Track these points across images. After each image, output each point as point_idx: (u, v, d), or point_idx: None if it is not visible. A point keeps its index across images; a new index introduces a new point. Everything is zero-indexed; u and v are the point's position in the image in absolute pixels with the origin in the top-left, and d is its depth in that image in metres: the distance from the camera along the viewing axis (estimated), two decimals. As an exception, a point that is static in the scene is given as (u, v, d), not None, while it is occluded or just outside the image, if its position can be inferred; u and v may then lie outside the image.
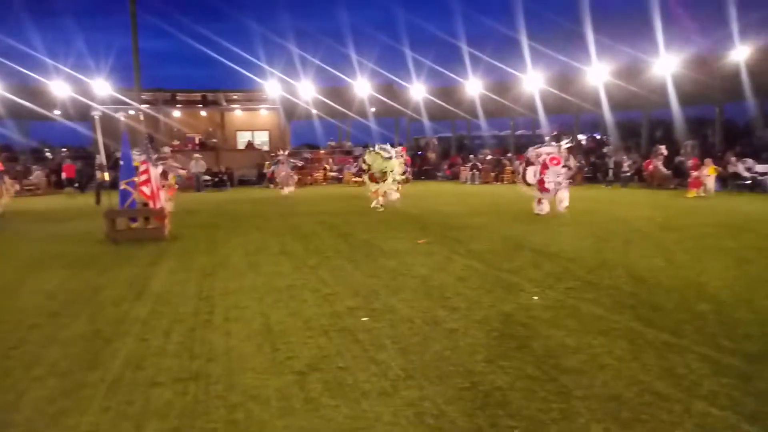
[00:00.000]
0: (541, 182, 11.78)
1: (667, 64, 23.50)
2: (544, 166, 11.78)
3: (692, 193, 16.63)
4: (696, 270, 6.20)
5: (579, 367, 3.52)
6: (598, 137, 35.26)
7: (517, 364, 3.59)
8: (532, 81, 28.18)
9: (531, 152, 12.42)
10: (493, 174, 27.60)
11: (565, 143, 12.26)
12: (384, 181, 13.91)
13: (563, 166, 11.80)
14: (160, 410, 3.07)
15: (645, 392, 3.14)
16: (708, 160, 17.50)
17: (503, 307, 4.85)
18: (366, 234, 9.48)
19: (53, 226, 12.09)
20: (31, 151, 31.92)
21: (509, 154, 31.17)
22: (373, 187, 14.10)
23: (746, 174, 18.32)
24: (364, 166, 14.48)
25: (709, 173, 16.93)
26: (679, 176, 20.07)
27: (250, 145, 33.42)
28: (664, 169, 21.04)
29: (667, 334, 4.09)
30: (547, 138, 12.72)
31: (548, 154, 12.02)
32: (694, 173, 17.30)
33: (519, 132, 38.82)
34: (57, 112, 29.82)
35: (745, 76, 22.03)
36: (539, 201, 11.90)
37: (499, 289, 5.51)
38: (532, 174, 12.01)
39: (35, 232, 11.13)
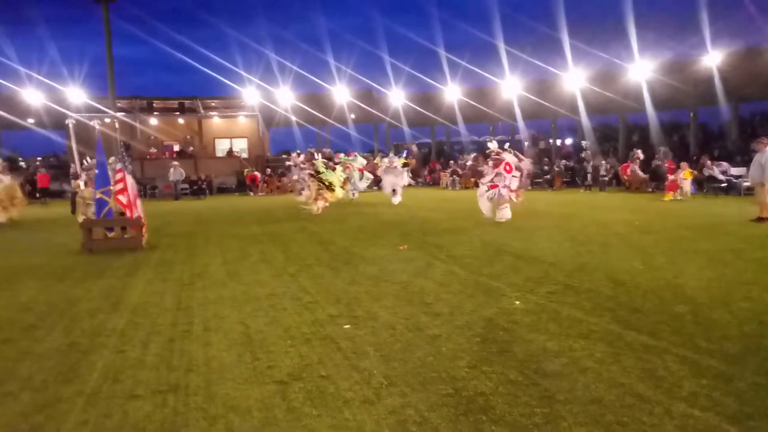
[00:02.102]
0: (493, 187, 11.86)
1: (641, 70, 23.92)
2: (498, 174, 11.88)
3: (669, 196, 16.90)
4: (673, 272, 6.29)
5: (560, 370, 3.54)
6: (573, 142, 35.67)
7: (499, 369, 3.60)
8: (510, 87, 28.52)
9: (489, 162, 12.59)
10: (473, 180, 27.74)
11: (506, 146, 12.51)
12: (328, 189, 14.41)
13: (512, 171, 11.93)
14: (139, 423, 3.02)
15: (626, 395, 3.17)
16: (684, 164, 17.82)
17: (485, 312, 4.86)
18: (346, 241, 9.47)
19: (28, 236, 11.90)
20: (4, 160, 31.33)
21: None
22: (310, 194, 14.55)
23: (721, 177, 18.67)
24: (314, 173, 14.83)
25: (685, 176, 17.23)
26: (656, 180, 20.40)
27: (230, 152, 33.24)
28: (641, 173, 21.36)
29: (646, 336, 4.13)
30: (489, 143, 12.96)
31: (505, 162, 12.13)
32: (671, 177, 17.60)
33: (498, 137, 39.04)
34: (30, 120, 29.35)
35: (717, 81, 22.51)
36: (499, 207, 11.95)
37: (480, 294, 5.53)
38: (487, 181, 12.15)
39: (9, 242, 10.92)
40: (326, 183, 14.39)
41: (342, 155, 19.40)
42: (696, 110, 27.36)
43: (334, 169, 15.20)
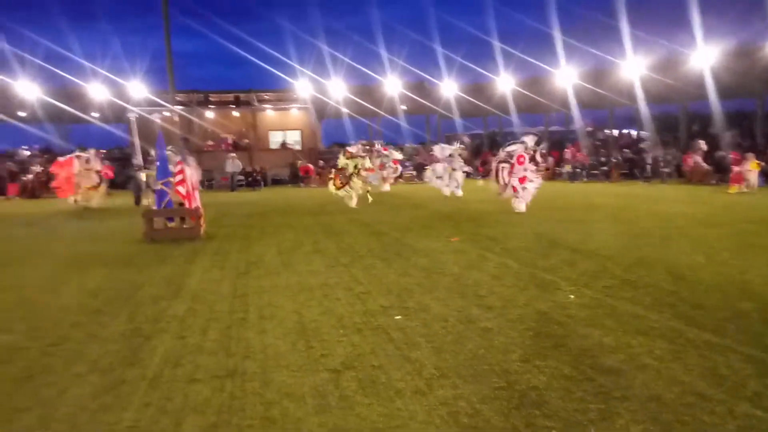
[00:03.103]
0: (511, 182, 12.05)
1: (705, 56, 22.85)
2: (513, 165, 12.09)
3: (734, 188, 16.17)
4: (738, 267, 6.04)
5: (617, 367, 3.46)
6: (634, 132, 34.53)
7: (553, 363, 3.55)
8: (566, 76, 27.73)
9: (502, 153, 12.63)
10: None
11: (531, 140, 12.34)
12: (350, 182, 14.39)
13: (531, 163, 12.06)
14: (199, 407, 3.13)
15: (686, 393, 3.07)
16: (750, 155, 16.99)
17: (538, 306, 4.80)
18: (398, 232, 9.50)
19: (94, 225, 12.41)
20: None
21: (543, 150, 30.76)
22: (335, 188, 14.60)
23: (791, 168, 17.73)
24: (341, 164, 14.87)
25: (751, 168, 16.44)
26: (720, 171, 19.56)
27: (283, 145, 33.73)
28: (704, 164, 20.53)
29: (709, 334, 3.99)
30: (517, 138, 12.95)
31: (516, 153, 12.20)
32: (736, 168, 16.83)
33: (553, 128, 38.19)
34: (95, 114, 30.57)
35: (788, 67, 21.30)
36: (515, 197, 12.07)
37: (534, 287, 5.46)
38: (506, 173, 12.29)
39: (77, 231, 11.45)
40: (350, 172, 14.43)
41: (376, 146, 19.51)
42: (763, 98, 26.01)
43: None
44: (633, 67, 25.10)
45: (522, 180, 12.05)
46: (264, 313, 4.90)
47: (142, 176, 14.89)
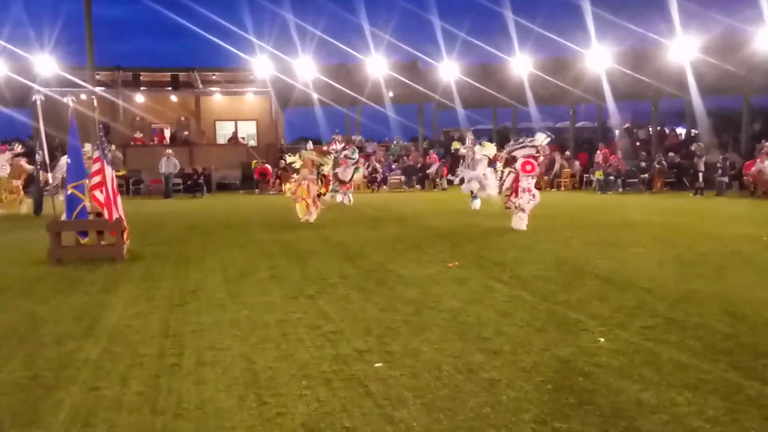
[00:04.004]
0: (516, 192, 12.21)
1: (774, 37, 23.25)
2: (517, 174, 12.23)
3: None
4: (814, 305, 6.08)
5: (659, 431, 3.46)
6: (683, 131, 34.96)
7: (577, 426, 3.54)
8: (598, 58, 27.95)
9: (504, 154, 12.97)
10: (546, 177, 27.46)
11: (543, 139, 12.64)
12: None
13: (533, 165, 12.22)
14: (114, 480, 3.07)
15: (747, 466, 3.08)
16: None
17: (559, 352, 4.81)
18: (380, 254, 9.50)
19: (-18, 241, 12.22)
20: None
21: (567, 152, 30.96)
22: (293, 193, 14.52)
23: None
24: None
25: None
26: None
27: (234, 138, 33.62)
28: (771, 173, 20.81)
29: (775, 390, 4.01)
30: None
31: (524, 156, 12.32)
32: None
33: (581, 123, 38.50)
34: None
35: None
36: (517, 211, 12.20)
37: (553, 327, 5.47)
38: (510, 181, 12.53)
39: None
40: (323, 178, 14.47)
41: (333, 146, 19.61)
42: None
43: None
44: (683, 48, 25.40)
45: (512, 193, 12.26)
46: (204, 357, 4.84)
47: (48, 177, 14.76)
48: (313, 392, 4.10)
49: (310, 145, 18.41)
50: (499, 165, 15.02)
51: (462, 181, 17.03)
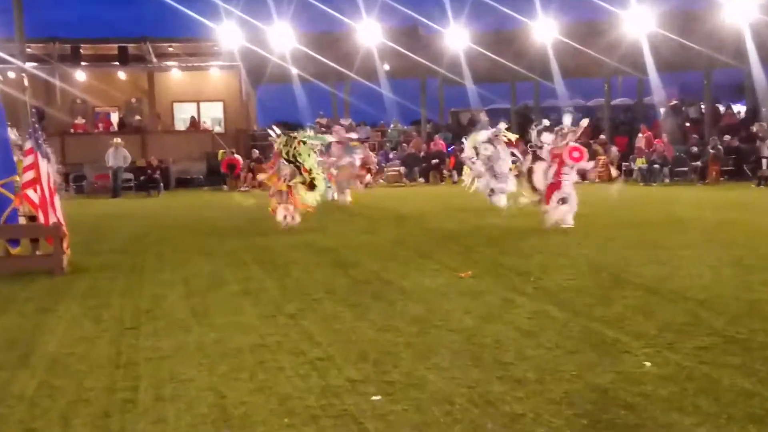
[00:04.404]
0: (555, 186, 12.09)
1: None
2: (561, 162, 12.10)
3: None
4: None
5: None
6: (743, 108, 34.93)
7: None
8: (637, 20, 27.73)
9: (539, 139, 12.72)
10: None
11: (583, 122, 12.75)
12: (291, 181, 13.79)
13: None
14: None
15: None
16: None
17: (596, 379, 4.75)
18: (375, 262, 9.54)
19: None
20: None
21: (602, 136, 30.96)
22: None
23: None
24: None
25: None
26: None
27: (196, 124, 33.62)
28: None
29: None
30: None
31: (566, 142, 12.26)
32: None
33: (618, 100, 38.61)
34: None
35: None
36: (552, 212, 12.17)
37: (588, 349, 5.43)
38: (542, 174, 12.34)
39: None
40: (306, 174, 13.91)
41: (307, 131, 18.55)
42: None
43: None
44: (740, 7, 25.15)
45: (554, 186, 12.10)
46: (163, 391, 4.77)
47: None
48: (297, 433, 4.13)
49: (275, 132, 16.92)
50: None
51: (490, 191, 16.64)
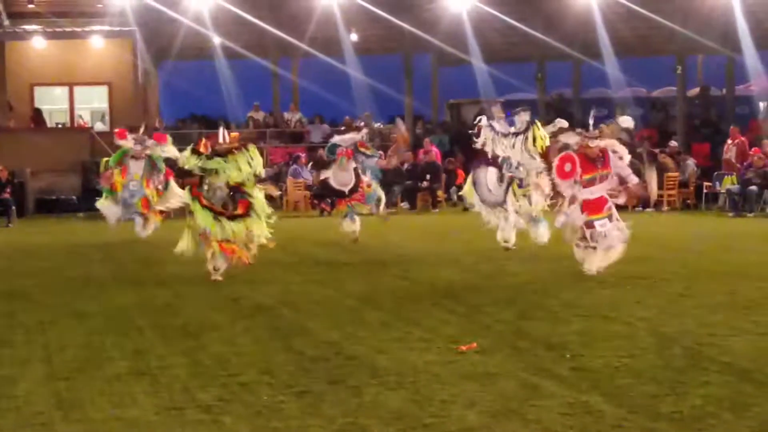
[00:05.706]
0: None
1: None
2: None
3: None
4: None
5: None
6: None
7: None
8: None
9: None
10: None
11: (629, 124, 13.11)
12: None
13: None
14: None
15: None
16: None
17: None
18: (336, 330, 9.50)
19: None
20: None
21: (673, 142, 31.02)
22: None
23: None
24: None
25: None
26: None
27: (70, 119, 33.57)
28: None
29: None
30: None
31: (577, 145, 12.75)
32: None
33: (696, 90, 38.67)
34: None
35: None
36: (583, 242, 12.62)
37: None
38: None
39: None
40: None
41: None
42: None
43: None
44: None
45: (596, 206, 12.46)
46: None
47: None
48: None
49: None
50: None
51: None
